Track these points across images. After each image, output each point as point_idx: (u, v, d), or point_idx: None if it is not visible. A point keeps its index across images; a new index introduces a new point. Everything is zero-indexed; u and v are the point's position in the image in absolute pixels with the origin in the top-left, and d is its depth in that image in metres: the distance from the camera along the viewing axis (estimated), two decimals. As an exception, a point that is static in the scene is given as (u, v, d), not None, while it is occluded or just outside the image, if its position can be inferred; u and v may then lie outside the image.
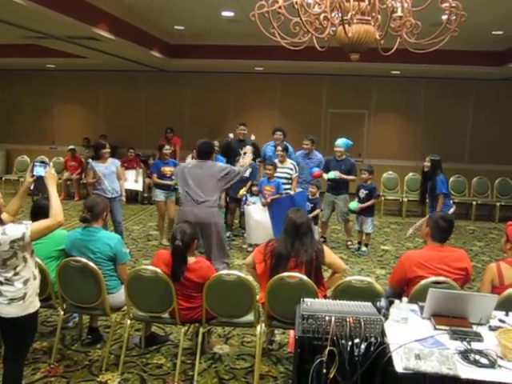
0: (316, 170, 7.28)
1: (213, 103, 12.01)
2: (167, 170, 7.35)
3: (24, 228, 2.78)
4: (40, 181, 3.06)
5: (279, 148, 7.15)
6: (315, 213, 6.98)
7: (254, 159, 7.19)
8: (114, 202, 6.37)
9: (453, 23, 3.07)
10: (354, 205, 7.04)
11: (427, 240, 3.73)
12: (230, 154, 7.41)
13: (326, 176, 7.20)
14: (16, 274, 2.82)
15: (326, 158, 7.55)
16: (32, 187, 3.15)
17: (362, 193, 7.09)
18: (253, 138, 7.86)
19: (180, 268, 3.56)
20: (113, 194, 6.33)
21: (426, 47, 3.26)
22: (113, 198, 6.34)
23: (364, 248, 7.20)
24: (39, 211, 3.60)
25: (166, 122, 11.19)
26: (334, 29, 3.07)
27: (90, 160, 6.73)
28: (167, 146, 7.48)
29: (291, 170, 7.10)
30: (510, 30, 8.00)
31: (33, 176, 3.09)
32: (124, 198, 6.73)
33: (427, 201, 6.89)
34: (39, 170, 3.07)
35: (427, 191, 6.65)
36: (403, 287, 3.61)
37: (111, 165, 6.47)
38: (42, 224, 2.87)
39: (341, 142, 7.18)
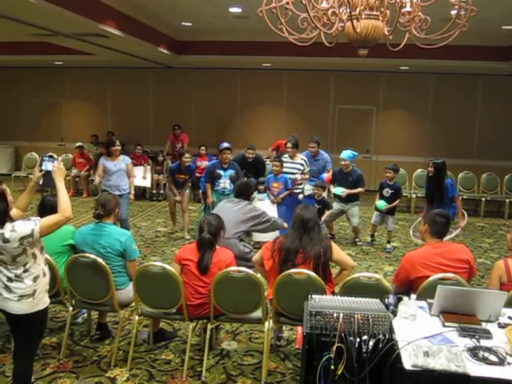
0: (325, 176, 7.34)
1: (220, 100, 12.01)
2: (181, 176, 7.48)
3: (33, 224, 2.79)
4: (48, 176, 3.05)
5: (289, 145, 7.14)
6: (327, 213, 6.98)
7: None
8: (120, 199, 6.42)
9: (462, 18, 3.04)
10: (382, 205, 6.98)
11: (426, 237, 3.76)
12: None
13: (332, 189, 7.21)
14: (26, 270, 2.84)
15: (333, 169, 7.49)
16: (41, 182, 3.15)
17: (387, 192, 7.05)
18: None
19: (208, 257, 3.63)
20: (120, 191, 6.43)
21: (435, 42, 3.23)
22: (120, 195, 6.39)
23: (389, 245, 7.22)
24: (46, 208, 3.63)
25: (174, 119, 11.21)
26: (342, 24, 3.06)
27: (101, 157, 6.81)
28: (187, 155, 7.44)
29: (302, 165, 7.09)
30: (520, 25, 7.94)
31: (41, 171, 3.09)
32: (132, 196, 6.80)
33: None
34: (47, 165, 3.06)
35: (436, 197, 6.32)
36: (408, 288, 3.61)
37: (121, 162, 6.57)
38: (50, 220, 2.88)
39: (345, 154, 7.09)
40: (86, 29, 7.12)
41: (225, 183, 6.90)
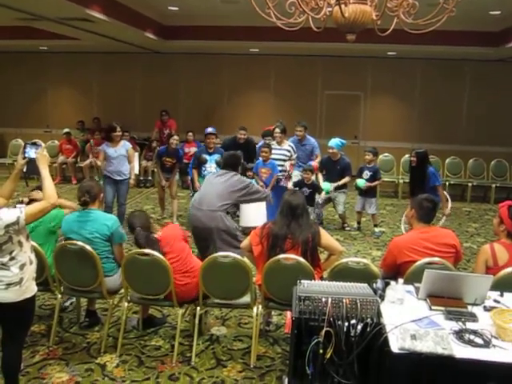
0: (312, 164, 7.35)
1: (208, 85, 11.91)
2: (168, 160, 7.45)
3: (18, 212, 2.76)
4: (32, 163, 3.01)
5: (277, 130, 7.14)
6: (320, 197, 7.00)
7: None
8: (120, 184, 6.68)
9: (450, 3, 3.04)
10: (362, 183, 7.10)
11: (413, 222, 3.78)
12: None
13: (321, 181, 7.22)
14: (12, 258, 2.81)
15: (322, 157, 7.52)
16: (25, 169, 3.11)
17: (366, 174, 7.18)
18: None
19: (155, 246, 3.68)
20: (121, 176, 6.61)
21: (422, 27, 3.23)
22: (120, 180, 6.61)
23: (377, 229, 7.29)
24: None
25: (161, 105, 11.11)
26: (330, 9, 3.05)
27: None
28: (176, 137, 7.47)
29: (288, 151, 7.10)
30: (507, 10, 7.93)
31: (24, 158, 3.04)
32: (132, 181, 6.92)
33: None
34: (30, 152, 3.02)
35: (418, 185, 6.23)
36: (395, 272, 3.63)
37: (121, 148, 6.65)
38: (35, 207, 2.86)
39: (333, 142, 7.13)
40: (70, 13, 6.98)
41: (211, 168, 6.89)
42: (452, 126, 11.26)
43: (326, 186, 7.10)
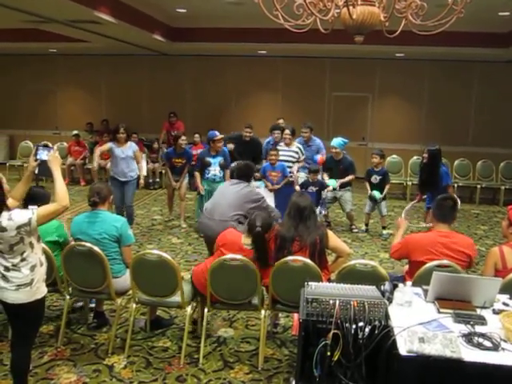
0: (318, 158, 7.30)
1: (215, 87, 11.93)
2: (178, 161, 7.44)
3: (30, 213, 2.78)
4: (44, 165, 3.03)
5: (287, 131, 7.16)
6: (328, 189, 7.00)
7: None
8: (126, 185, 6.69)
9: (459, 4, 3.03)
10: (378, 194, 7.03)
11: (434, 224, 3.76)
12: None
13: (326, 180, 7.20)
14: (23, 259, 2.83)
15: (326, 156, 7.51)
16: (36, 171, 3.13)
17: (376, 178, 7.12)
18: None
19: (265, 253, 3.61)
20: (127, 178, 6.64)
21: (431, 29, 3.21)
22: (125, 181, 6.63)
23: (385, 231, 7.26)
24: (33, 198, 3.60)
25: (169, 107, 11.15)
26: (338, 11, 3.04)
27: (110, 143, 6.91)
28: (183, 137, 7.47)
29: (296, 153, 7.12)
30: (517, 11, 7.89)
31: (36, 160, 3.06)
32: (142, 181, 6.98)
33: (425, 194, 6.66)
34: (42, 154, 3.04)
35: (429, 184, 6.34)
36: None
37: (128, 149, 6.69)
38: (48, 209, 2.88)
39: (335, 142, 7.13)
40: (78, 15, 7.03)
41: (215, 170, 6.89)
42: (460, 128, 11.20)
43: (331, 182, 7.10)
